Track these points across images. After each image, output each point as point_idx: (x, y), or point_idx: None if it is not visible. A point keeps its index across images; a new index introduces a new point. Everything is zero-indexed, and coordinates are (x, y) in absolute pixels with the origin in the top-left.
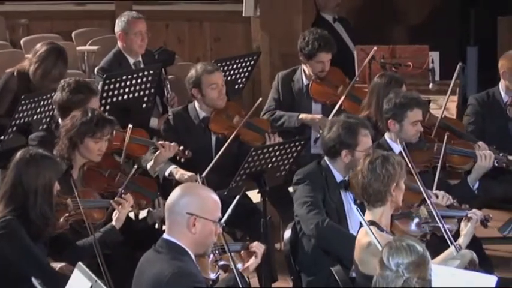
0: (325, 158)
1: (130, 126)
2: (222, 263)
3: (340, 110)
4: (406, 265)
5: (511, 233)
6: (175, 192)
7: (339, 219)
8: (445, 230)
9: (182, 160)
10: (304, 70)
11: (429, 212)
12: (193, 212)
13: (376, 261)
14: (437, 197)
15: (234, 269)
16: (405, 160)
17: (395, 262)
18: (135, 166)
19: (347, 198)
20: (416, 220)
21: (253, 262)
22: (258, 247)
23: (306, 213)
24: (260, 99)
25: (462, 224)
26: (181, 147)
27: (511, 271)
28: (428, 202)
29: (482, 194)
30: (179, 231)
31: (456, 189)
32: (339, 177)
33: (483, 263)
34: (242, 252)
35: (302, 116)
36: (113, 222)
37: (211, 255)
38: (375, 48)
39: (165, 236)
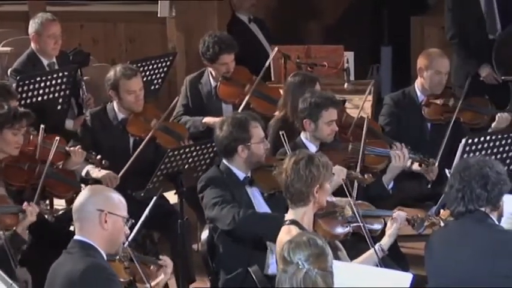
0: (223, 160)
1: (42, 126)
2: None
3: (248, 108)
4: (306, 257)
5: (425, 230)
6: (82, 194)
7: None
8: (365, 232)
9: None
10: (211, 72)
11: (353, 212)
12: (103, 208)
13: None
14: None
15: (144, 277)
16: None
17: (295, 256)
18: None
19: (254, 193)
20: (339, 219)
21: (163, 277)
22: (167, 262)
23: (219, 212)
24: (175, 100)
25: (388, 223)
26: (99, 157)
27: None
28: (352, 203)
29: (397, 194)
30: (91, 229)
31: (371, 189)
32: (241, 175)
33: (399, 261)
34: (152, 267)
35: (205, 119)
36: (16, 228)
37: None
38: (276, 48)
39: (76, 237)
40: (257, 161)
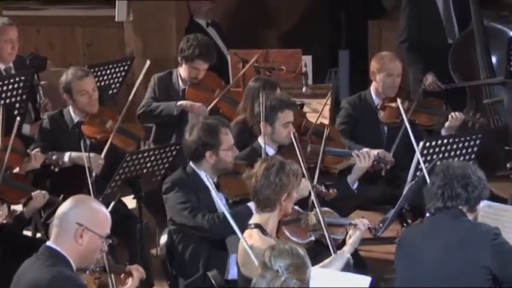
0: (190, 163)
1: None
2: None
3: (218, 113)
4: (286, 266)
5: (383, 234)
6: (68, 202)
7: None
8: (329, 239)
9: (56, 169)
10: (180, 74)
11: (317, 219)
12: (83, 223)
13: (257, 264)
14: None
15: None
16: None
17: (276, 264)
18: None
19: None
20: (303, 227)
21: (130, 284)
22: (137, 270)
23: (192, 220)
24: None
25: (351, 231)
26: (55, 157)
27: (384, 272)
28: (317, 210)
29: (355, 197)
30: (65, 240)
31: (337, 189)
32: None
33: (357, 264)
34: (123, 275)
35: (180, 102)
36: None
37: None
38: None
39: (48, 243)
40: (224, 167)
